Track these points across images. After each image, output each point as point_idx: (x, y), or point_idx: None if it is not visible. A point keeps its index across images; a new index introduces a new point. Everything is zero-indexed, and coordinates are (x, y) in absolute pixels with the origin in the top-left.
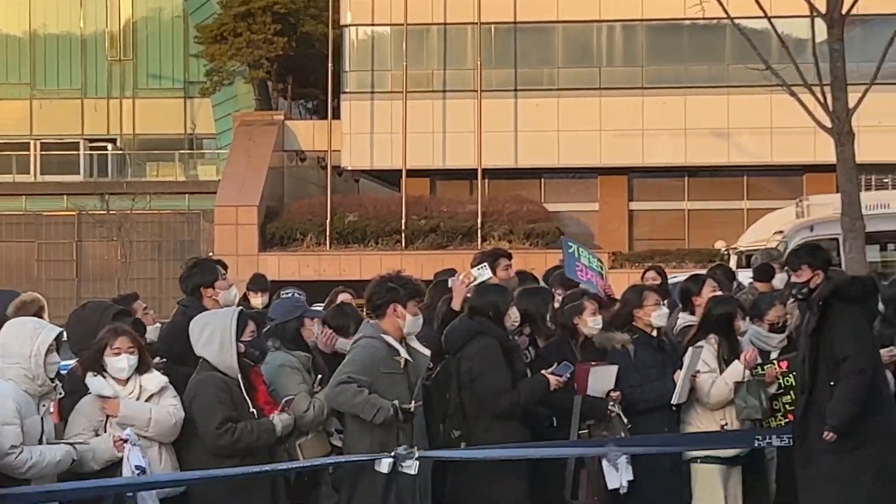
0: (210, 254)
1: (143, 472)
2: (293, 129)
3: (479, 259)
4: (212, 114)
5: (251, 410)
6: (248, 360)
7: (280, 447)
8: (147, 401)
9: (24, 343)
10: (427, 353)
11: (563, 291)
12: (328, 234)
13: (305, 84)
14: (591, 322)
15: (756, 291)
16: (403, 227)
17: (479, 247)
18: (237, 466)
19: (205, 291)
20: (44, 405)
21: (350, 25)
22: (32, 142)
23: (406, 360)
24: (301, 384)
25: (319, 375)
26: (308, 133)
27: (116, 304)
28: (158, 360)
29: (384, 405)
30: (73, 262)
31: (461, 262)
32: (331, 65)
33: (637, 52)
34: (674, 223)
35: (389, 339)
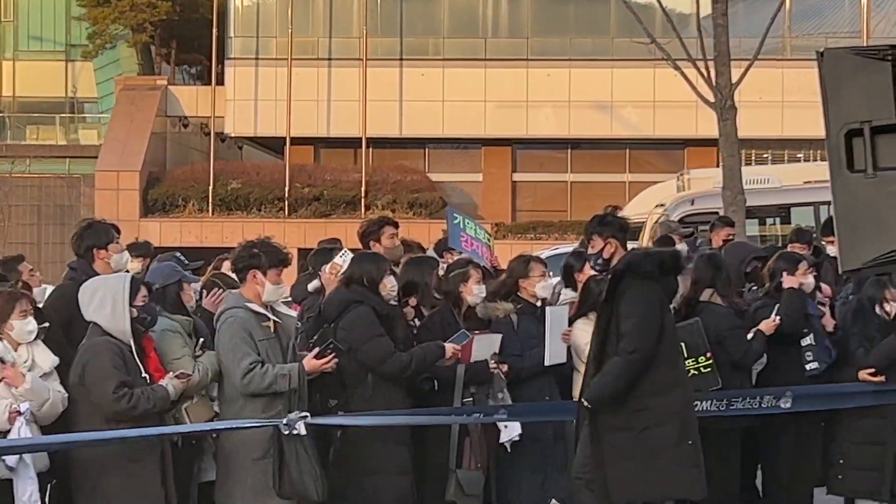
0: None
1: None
2: (176, 95)
3: (365, 227)
4: (94, 77)
5: (143, 376)
6: (140, 326)
7: (168, 413)
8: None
9: None
10: (293, 314)
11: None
12: (210, 201)
13: (189, 49)
14: (476, 290)
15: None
16: (287, 195)
17: (363, 216)
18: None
19: (97, 253)
20: None
21: None
22: None
23: (275, 323)
24: (184, 347)
25: (202, 339)
26: (191, 99)
27: None
28: (43, 326)
29: (292, 371)
30: None
31: (344, 231)
32: (215, 30)
33: (522, 24)
34: (556, 195)
35: (253, 306)
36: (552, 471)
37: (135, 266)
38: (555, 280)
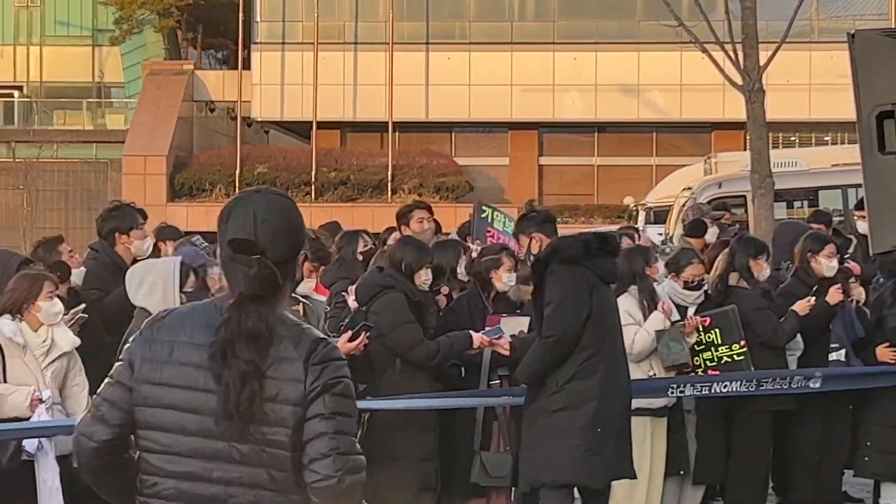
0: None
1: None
2: (203, 79)
3: (399, 210)
4: (120, 62)
5: None
6: None
7: None
8: (57, 359)
9: None
10: (322, 299)
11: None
12: (237, 185)
13: (215, 34)
14: (506, 278)
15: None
16: (313, 180)
17: (390, 200)
18: None
19: (119, 238)
20: None
21: None
22: None
23: (305, 306)
24: None
25: None
26: (218, 83)
27: (21, 255)
28: (80, 309)
29: None
30: None
31: (371, 215)
32: (241, 14)
33: (549, 7)
34: (583, 178)
35: None
36: None
37: (168, 250)
38: None
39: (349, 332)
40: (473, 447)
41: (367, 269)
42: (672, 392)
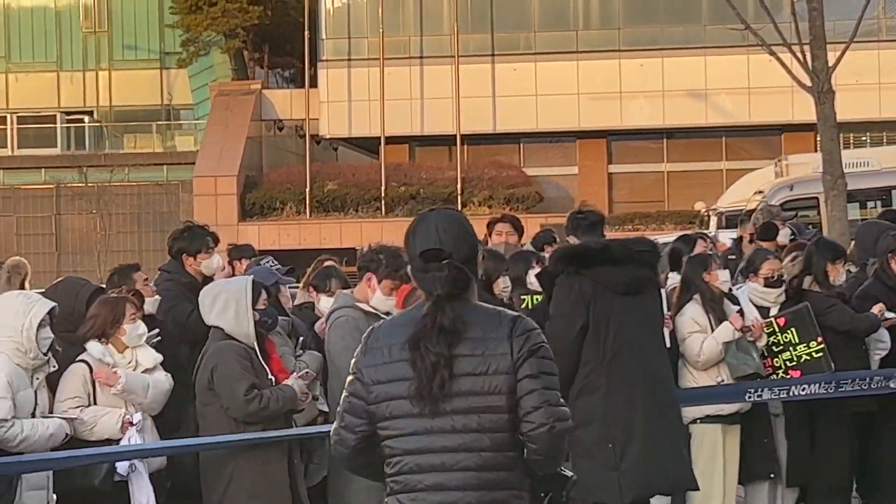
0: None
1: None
2: (270, 99)
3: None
4: (188, 84)
5: (269, 378)
6: (262, 329)
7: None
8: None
9: (16, 317)
10: None
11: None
12: (308, 203)
13: (282, 53)
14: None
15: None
16: (383, 195)
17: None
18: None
19: (185, 259)
20: (37, 378)
21: None
22: (9, 116)
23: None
24: (283, 346)
25: (300, 338)
26: (285, 102)
27: (92, 283)
28: (155, 333)
29: None
30: (53, 236)
31: None
32: (307, 33)
33: (613, 15)
34: (653, 185)
35: (363, 306)
36: None
37: (241, 269)
38: None
39: None
40: None
41: None
42: (750, 397)
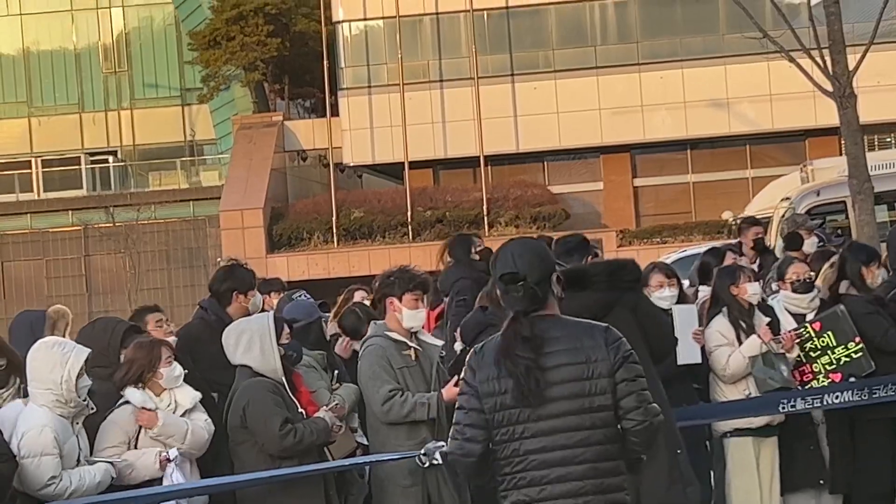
0: (219, 259)
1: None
2: (293, 129)
3: None
4: (210, 119)
5: (300, 411)
6: (288, 363)
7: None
8: (182, 416)
9: (54, 369)
10: (438, 343)
11: None
12: (335, 232)
13: (302, 83)
14: None
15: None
16: (409, 220)
17: (487, 234)
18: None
19: (237, 297)
20: (77, 423)
21: (343, 21)
22: (33, 159)
23: (416, 350)
24: (319, 381)
25: (336, 371)
26: (308, 132)
27: (126, 321)
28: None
29: (431, 400)
30: (82, 277)
31: None
32: (326, 62)
33: (631, 28)
34: (679, 197)
35: (394, 335)
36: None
37: (273, 303)
38: (672, 290)
39: (455, 378)
40: None
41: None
42: (783, 407)
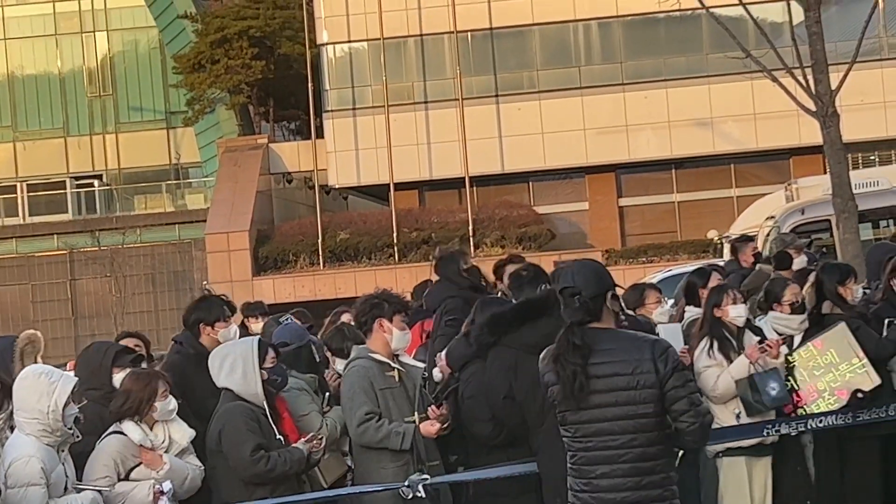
0: (205, 283)
1: None
2: (278, 152)
3: (494, 267)
4: (195, 142)
5: (278, 438)
6: (271, 388)
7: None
8: (177, 455)
9: (41, 399)
10: (419, 366)
11: None
12: (321, 254)
13: (287, 105)
14: None
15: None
16: (395, 241)
17: (473, 254)
18: (268, 496)
19: (203, 329)
20: (62, 451)
21: (327, 44)
22: (18, 184)
23: (399, 372)
24: (311, 404)
25: (327, 393)
26: (293, 154)
27: (118, 344)
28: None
29: (407, 430)
30: (68, 301)
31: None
32: (310, 84)
33: (615, 49)
34: (664, 216)
35: (378, 356)
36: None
37: (256, 327)
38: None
39: (437, 411)
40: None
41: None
42: (768, 433)
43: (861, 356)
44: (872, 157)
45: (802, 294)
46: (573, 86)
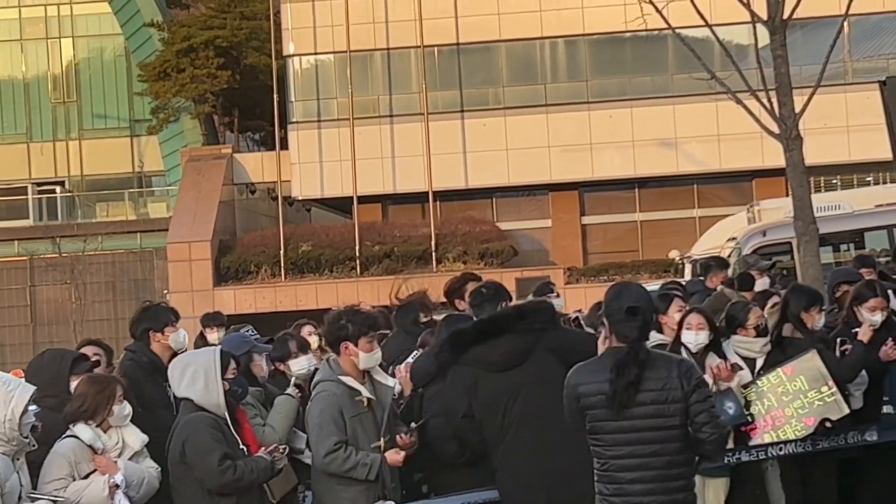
0: (165, 292)
1: None
2: (242, 162)
3: (449, 286)
4: (159, 151)
5: (241, 448)
6: (232, 399)
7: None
8: (131, 459)
9: None
10: (391, 384)
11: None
12: (282, 265)
13: (251, 116)
14: None
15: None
16: (357, 254)
17: (435, 269)
18: None
19: (153, 336)
20: (18, 460)
21: (293, 55)
22: None
23: (368, 399)
24: (255, 417)
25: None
26: (257, 165)
27: (74, 351)
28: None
29: (374, 462)
30: (27, 308)
31: (417, 286)
32: (276, 95)
33: (581, 67)
34: (627, 235)
35: (347, 380)
36: None
37: (214, 337)
38: None
39: (404, 438)
40: None
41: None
42: (728, 460)
43: (831, 385)
44: (835, 181)
45: (765, 317)
46: (538, 103)
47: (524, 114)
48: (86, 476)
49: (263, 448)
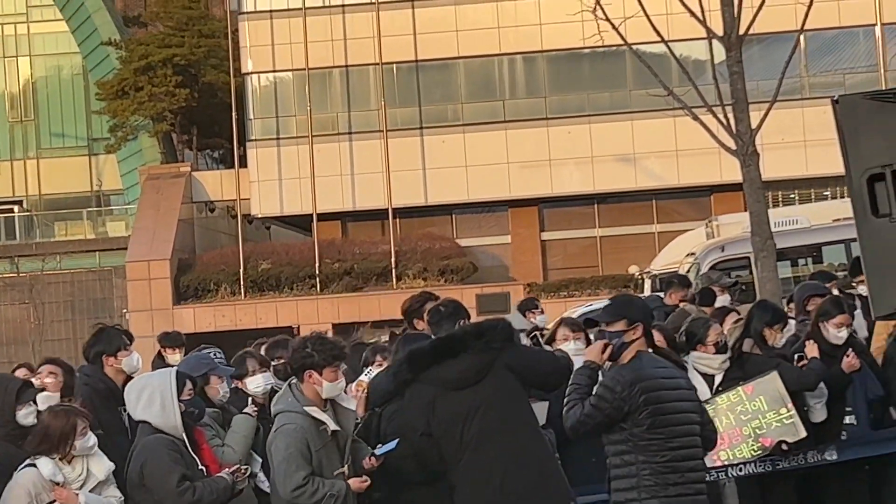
0: (124, 311)
1: None
2: (201, 180)
3: (408, 305)
4: (118, 169)
5: (200, 468)
6: (189, 420)
7: None
8: (93, 489)
9: None
10: (353, 406)
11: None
12: (242, 284)
13: (210, 134)
14: None
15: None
16: (317, 272)
17: (395, 286)
18: None
19: (106, 360)
20: None
21: (252, 73)
22: None
23: (333, 431)
24: (214, 438)
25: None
26: (216, 183)
27: (20, 378)
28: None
29: (340, 490)
30: None
31: (378, 303)
32: (234, 113)
33: (539, 83)
34: (586, 251)
35: (313, 411)
36: None
37: (174, 357)
38: (578, 343)
39: (370, 464)
40: None
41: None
42: None
43: (790, 407)
44: (792, 196)
45: (724, 334)
46: (497, 119)
47: (483, 130)
48: (40, 498)
49: (227, 469)
